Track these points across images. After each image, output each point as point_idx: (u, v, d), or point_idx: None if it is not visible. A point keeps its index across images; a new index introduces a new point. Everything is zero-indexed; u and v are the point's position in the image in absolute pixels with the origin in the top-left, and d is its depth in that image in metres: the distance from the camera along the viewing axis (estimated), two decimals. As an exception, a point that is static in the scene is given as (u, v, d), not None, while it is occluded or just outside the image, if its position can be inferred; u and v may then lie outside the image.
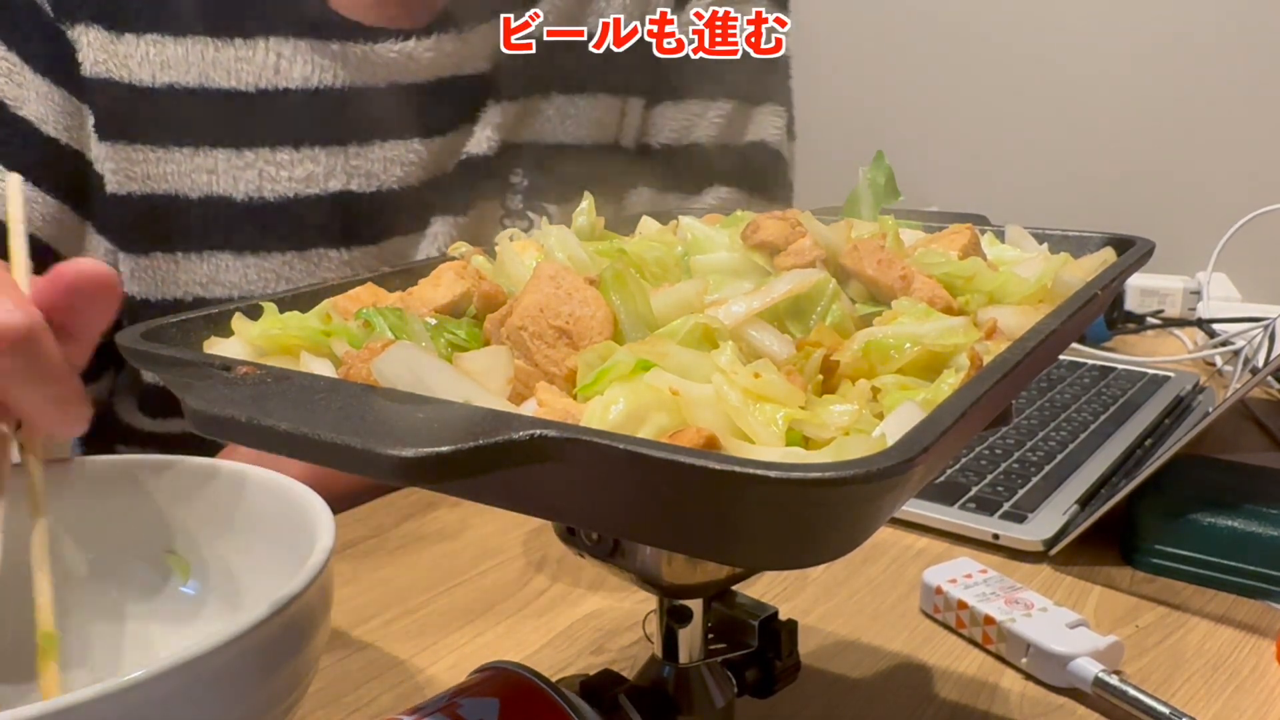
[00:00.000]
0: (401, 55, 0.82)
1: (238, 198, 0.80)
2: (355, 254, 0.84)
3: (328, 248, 0.83)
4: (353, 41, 0.80)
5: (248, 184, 0.80)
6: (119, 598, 0.50)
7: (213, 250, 0.81)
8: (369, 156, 0.83)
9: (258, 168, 0.80)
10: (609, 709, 0.39)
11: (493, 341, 0.37)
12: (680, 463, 0.25)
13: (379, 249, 0.85)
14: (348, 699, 0.52)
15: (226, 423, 0.29)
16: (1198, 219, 1.41)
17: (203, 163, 0.79)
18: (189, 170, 0.79)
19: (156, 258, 0.81)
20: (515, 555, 0.67)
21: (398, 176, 0.84)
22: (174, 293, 0.82)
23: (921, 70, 1.93)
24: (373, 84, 0.82)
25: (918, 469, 0.25)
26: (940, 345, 0.34)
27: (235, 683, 0.36)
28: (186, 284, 0.82)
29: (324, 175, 0.82)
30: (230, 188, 0.80)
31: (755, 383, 0.30)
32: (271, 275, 0.82)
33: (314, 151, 0.81)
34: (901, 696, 0.52)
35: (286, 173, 0.81)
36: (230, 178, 0.80)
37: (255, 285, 0.82)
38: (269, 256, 0.82)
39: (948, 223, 0.49)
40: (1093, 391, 0.91)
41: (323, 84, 0.81)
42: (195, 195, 0.80)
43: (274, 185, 0.81)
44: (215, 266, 0.81)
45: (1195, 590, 0.62)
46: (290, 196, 0.81)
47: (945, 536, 0.68)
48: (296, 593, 0.38)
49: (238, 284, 0.82)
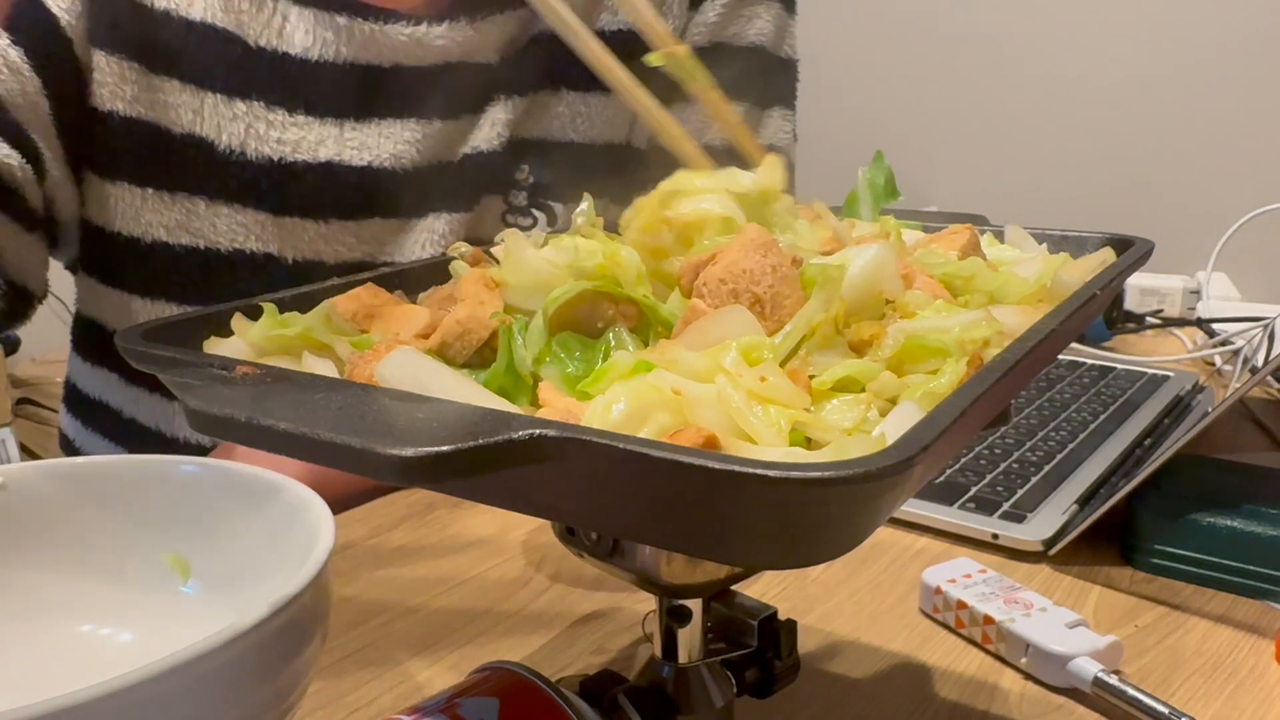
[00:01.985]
0: (411, 39, 0.81)
1: (220, 146, 0.79)
2: (333, 228, 0.82)
3: (304, 218, 0.81)
4: (363, 19, 0.80)
5: (232, 135, 0.79)
6: (119, 598, 0.50)
7: (186, 193, 0.79)
8: (364, 132, 0.82)
9: (246, 121, 0.79)
10: (609, 709, 0.39)
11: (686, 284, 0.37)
12: (680, 462, 0.25)
13: (357, 226, 0.83)
14: (348, 699, 0.52)
15: (226, 423, 0.29)
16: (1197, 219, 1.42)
17: (189, 100, 0.78)
18: (175, 103, 0.78)
19: (122, 187, 0.79)
20: (515, 555, 0.67)
21: (390, 155, 0.82)
22: (134, 230, 0.80)
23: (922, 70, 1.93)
24: (377, 63, 0.81)
25: (917, 468, 0.25)
26: (968, 339, 0.34)
27: (235, 683, 0.36)
28: (150, 223, 0.80)
29: (314, 143, 0.80)
30: (213, 133, 0.78)
31: (761, 385, 0.30)
32: (241, 232, 0.80)
33: (307, 119, 0.80)
34: (901, 696, 0.52)
35: (276, 134, 0.79)
36: (215, 124, 0.78)
37: (223, 240, 0.80)
38: (242, 212, 0.80)
39: (947, 223, 0.49)
40: (1092, 391, 0.91)
41: (324, 57, 0.80)
42: (177, 131, 0.78)
43: (259, 144, 0.79)
44: (185, 212, 0.79)
45: (1195, 590, 0.62)
46: (275, 159, 0.80)
47: (945, 536, 0.68)
48: (296, 593, 0.38)
49: (205, 235, 0.80)
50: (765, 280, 0.35)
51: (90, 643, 0.49)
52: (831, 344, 0.34)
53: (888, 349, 0.34)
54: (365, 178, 0.82)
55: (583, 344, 0.35)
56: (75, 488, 0.50)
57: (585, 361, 0.35)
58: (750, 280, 0.35)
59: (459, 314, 0.38)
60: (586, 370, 0.34)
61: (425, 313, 0.41)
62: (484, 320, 0.37)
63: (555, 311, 0.36)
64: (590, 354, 0.35)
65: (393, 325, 0.40)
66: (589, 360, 0.35)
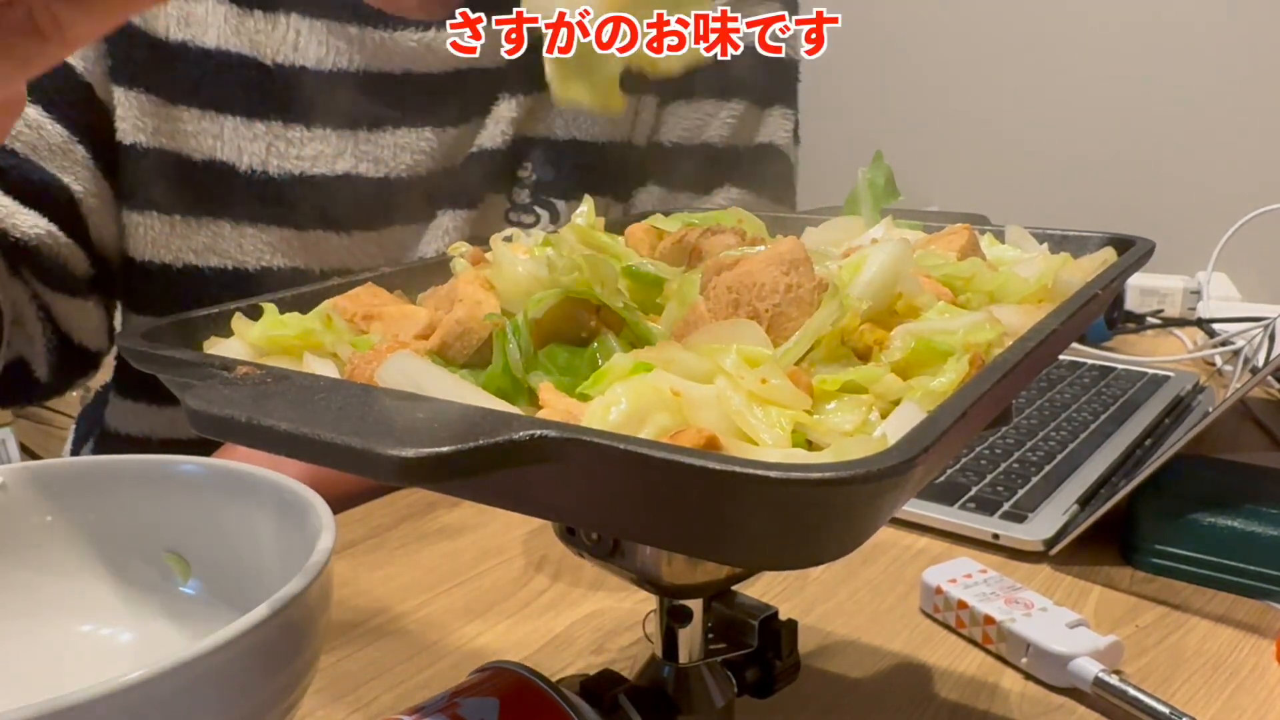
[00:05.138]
0: (421, 45, 0.81)
1: (241, 168, 0.80)
2: (355, 239, 0.84)
3: (327, 230, 0.82)
4: (373, 27, 0.80)
5: (253, 156, 0.79)
6: (119, 598, 0.50)
7: (212, 217, 0.80)
8: (379, 142, 0.82)
9: (266, 141, 0.80)
10: (609, 709, 0.39)
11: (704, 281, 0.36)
12: (680, 463, 0.25)
13: (379, 235, 0.84)
14: (348, 699, 0.52)
15: (226, 423, 0.29)
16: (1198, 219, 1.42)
17: (209, 126, 0.79)
18: (195, 131, 0.79)
19: (151, 216, 0.80)
20: (515, 555, 0.67)
21: (407, 164, 0.83)
22: (165, 256, 0.81)
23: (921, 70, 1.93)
24: (389, 70, 0.82)
25: (918, 469, 0.25)
26: (972, 340, 0.34)
27: (235, 683, 0.36)
28: (179, 249, 0.81)
29: (332, 156, 0.81)
30: (234, 156, 0.79)
31: (762, 388, 0.30)
32: (268, 250, 0.81)
33: (325, 132, 0.81)
34: (901, 696, 0.52)
35: (295, 150, 0.80)
36: (235, 147, 0.79)
37: (250, 259, 0.81)
38: (267, 230, 0.81)
39: (948, 223, 0.49)
40: (1093, 391, 0.91)
41: (338, 66, 0.80)
42: (199, 158, 0.79)
43: (280, 161, 0.80)
44: (212, 235, 0.80)
45: (1195, 590, 0.62)
46: (295, 174, 0.81)
47: (945, 536, 0.68)
48: (296, 593, 0.38)
49: (233, 255, 0.81)
50: (772, 298, 0.34)
51: (90, 643, 0.49)
52: (837, 356, 0.34)
53: (895, 352, 0.34)
54: (383, 188, 0.83)
55: (570, 353, 0.35)
56: (75, 488, 0.50)
57: (572, 371, 0.34)
58: (757, 294, 0.34)
59: (458, 314, 0.38)
60: (574, 380, 0.33)
61: (425, 313, 0.41)
62: (482, 320, 0.37)
63: (539, 320, 0.35)
64: (577, 362, 0.35)
65: (393, 326, 0.40)
66: (576, 369, 0.34)
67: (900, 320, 0.37)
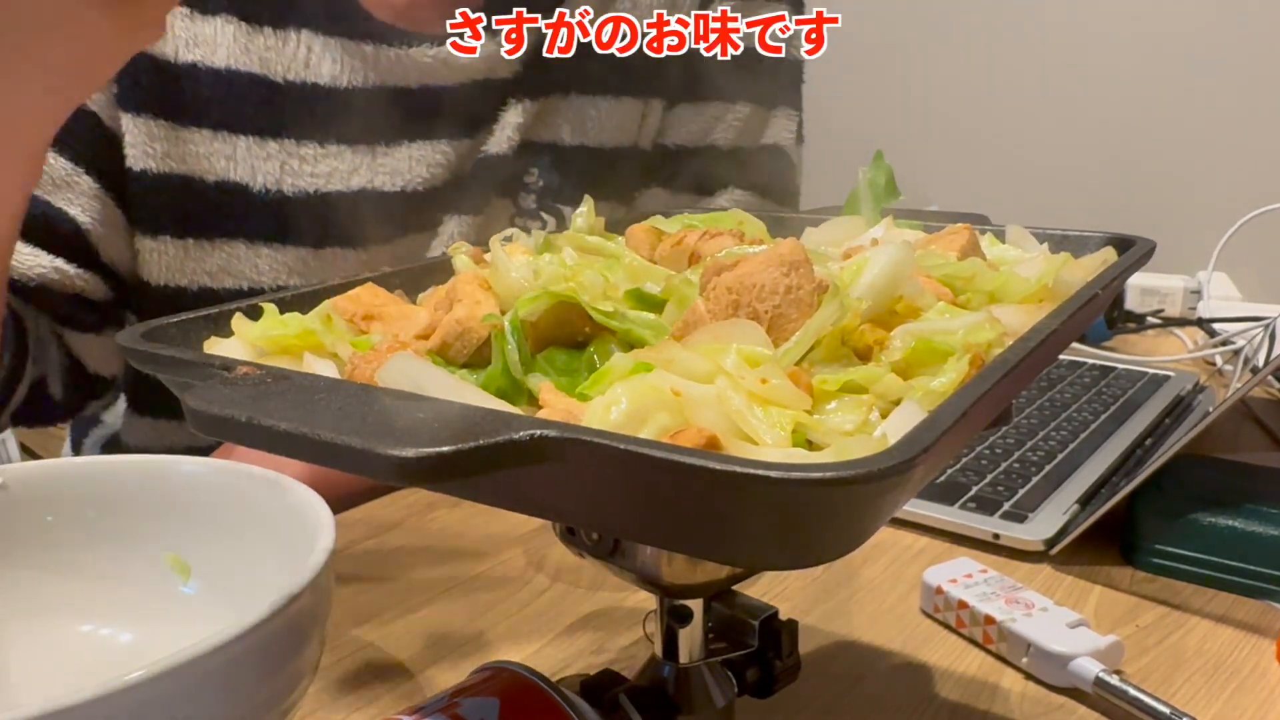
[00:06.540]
0: (436, 60, 0.81)
1: (255, 188, 0.79)
2: (371, 254, 0.84)
3: (343, 246, 0.82)
4: (388, 45, 0.80)
5: (267, 175, 0.79)
6: (119, 598, 0.50)
7: (226, 239, 0.80)
8: (395, 156, 0.82)
9: (280, 160, 0.79)
10: (609, 709, 0.39)
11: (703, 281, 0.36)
12: (681, 463, 0.25)
13: (392, 248, 0.84)
14: (348, 699, 0.52)
15: (226, 423, 0.29)
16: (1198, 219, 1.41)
17: (221, 147, 0.78)
18: (207, 153, 0.78)
19: (165, 241, 0.79)
20: (515, 555, 0.67)
21: (423, 177, 0.83)
22: (180, 280, 0.80)
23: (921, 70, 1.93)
24: (404, 85, 0.81)
25: (918, 469, 0.25)
26: (973, 340, 0.34)
27: (235, 683, 0.36)
28: (194, 272, 0.80)
29: (347, 172, 0.81)
30: (248, 177, 0.79)
31: (763, 388, 0.30)
32: (284, 270, 0.81)
33: (339, 148, 0.81)
34: (902, 696, 0.52)
35: (310, 167, 0.80)
36: (249, 166, 0.79)
37: (266, 279, 0.81)
38: (283, 250, 0.81)
39: (948, 222, 0.49)
40: (1093, 391, 0.91)
41: (353, 83, 0.80)
42: (211, 179, 0.79)
43: (295, 179, 0.80)
44: (227, 256, 0.80)
45: (1195, 590, 0.62)
46: (310, 192, 0.80)
47: (945, 536, 0.68)
48: (296, 593, 0.38)
49: (248, 276, 0.81)
50: (773, 299, 0.34)
51: (90, 643, 0.49)
52: (837, 356, 0.34)
53: (896, 352, 0.34)
54: (398, 202, 0.83)
55: (569, 355, 0.35)
56: (75, 488, 0.50)
57: (571, 372, 0.34)
58: (756, 296, 0.34)
59: (458, 313, 0.38)
60: (573, 381, 0.33)
61: (425, 313, 0.41)
62: (481, 320, 0.37)
63: (536, 323, 0.35)
64: (575, 364, 0.35)
65: (393, 326, 0.40)
66: (575, 371, 0.34)
67: (900, 320, 0.37)
